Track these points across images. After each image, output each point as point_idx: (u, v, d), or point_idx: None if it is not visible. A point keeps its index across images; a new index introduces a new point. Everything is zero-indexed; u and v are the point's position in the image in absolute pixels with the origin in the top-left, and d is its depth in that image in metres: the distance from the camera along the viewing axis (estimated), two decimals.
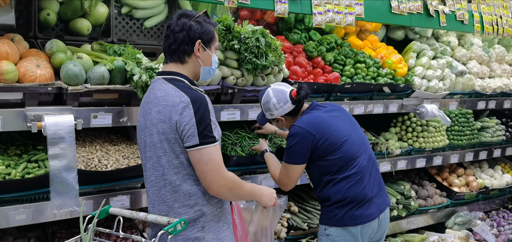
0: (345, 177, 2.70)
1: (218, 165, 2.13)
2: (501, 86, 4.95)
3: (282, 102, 2.76)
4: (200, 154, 2.10)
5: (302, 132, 2.67)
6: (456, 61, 4.73)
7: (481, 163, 5.33)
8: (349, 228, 2.71)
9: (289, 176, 2.77)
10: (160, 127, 2.14)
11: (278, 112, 2.80)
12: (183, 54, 2.23)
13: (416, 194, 4.46)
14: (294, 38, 3.86)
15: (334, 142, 2.69)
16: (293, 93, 2.75)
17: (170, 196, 2.20)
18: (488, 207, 5.10)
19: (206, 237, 2.21)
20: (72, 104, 2.55)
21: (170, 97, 2.13)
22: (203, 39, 2.25)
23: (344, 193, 2.70)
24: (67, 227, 2.98)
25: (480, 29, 4.70)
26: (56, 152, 2.34)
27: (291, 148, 2.70)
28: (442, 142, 4.46)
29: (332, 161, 2.70)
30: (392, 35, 4.74)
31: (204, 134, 2.09)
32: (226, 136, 3.34)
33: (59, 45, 2.69)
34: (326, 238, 2.77)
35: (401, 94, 4.12)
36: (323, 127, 2.70)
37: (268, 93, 2.80)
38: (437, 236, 4.36)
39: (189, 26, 2.21)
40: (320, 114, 2.77)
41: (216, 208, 2.26)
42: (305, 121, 2.72)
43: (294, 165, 2.73)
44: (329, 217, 2.76)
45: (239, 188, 2.25)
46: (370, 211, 2.74)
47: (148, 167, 2.26)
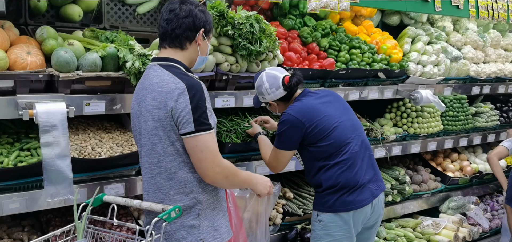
0: (336, 163, 2.71)
1: (214, 153, 2.12)
2: (496, 71, 4.95)
3: (274, 87, 2.78)
4: (195, 141, 2.08)
5: (292, 119, 2.69)
6: (451, 47, 4.72)
7: (475, 148, 5.36)
8: (341, 214, 2.72)
9: (278, 160, 2.83)
10: (155, 114, 2.12)
11: (270, 97, 2.82)
12: (185, 40, 2.22)
13: (411, 179, 4.48)
14: (289, 23, 3.83)
15: (324, 129, 2.70)
16: (285, 80, 2.76)
17: (165, 183, 2.19)
18: (482, 192, 5.14)
19: (202, 225, 2.21)
20: (64, 91, 2.52)
21: (166, 83, 2.10)
22: (206, 29, 2.27)
23: (336, 179, 2.71)
24: (61, 215, 2.97)
25: (475, 14, 4.69)
26: (48, 140, 2.32)
27: (281, 134, 2.73)
28: (437, 127, 4.47)
29: (323, 147, 2.71)
30: (387, 20, 4.72)
31: (200, 121, 2.07)
32: (221, 122, 3.33)
33: (50, 32, 2.65)
34: (318, 224, 2.79)
35: (396, 80, 4.11)
36: (313, 114, 2.71)
37: (262, 78, 2.82)
38: (431, 221, 4.39)
39: (195, 14, 2.21)
40: (311, 102, 2.77)
41: (211, 195, 2.26)
42: (295, 108, 2.73)
43: (283, 151, 2.77)
44: (321, 203, 2.78)
45: (235, 175, 2.25)
46: (363, 197, 2.74)
47: (143, 154, 2.25)
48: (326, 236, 2.76)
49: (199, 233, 2.20)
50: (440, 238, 4.15)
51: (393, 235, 4.00)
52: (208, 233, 2.22)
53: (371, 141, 3.98)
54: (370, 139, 3.97)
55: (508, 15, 5.05)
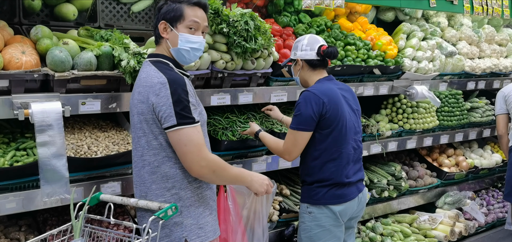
0: (333, 159, 2.74)
1: (199, 146, 2.11)
2: (491, 66, 4.98)
3: (309, 47, 2.81)
4: (178, 134, 2.09)
5: (314, 98, 2.67)
6: (446, 42, 4.74)
7: (471, 143, 5.38)
8: (330, 206, 2.76)
9: (296, 144, 2.73)
10: (139, 107, 2.16)
11: (300, 54, 2.84)
12: (157, 37, 2.28)
13: (407, 174, 4.50)
14: (284, 21, 3.83)
15: (336, 119, 2.71)
16: (322, 47, 2.79)
17: (148, 177, 2.22)
18: (478, 186, 5.16)
19: (185, 222, 2.21)
20: (60, 91, 2.52)
21: (150, 78, 2.14)
22: (167, 19, 2.22)
23: (329, 174, 2.74)
24: (58, 214, 2.97)
25: (470, 9, 4.70)
26: (44, 140, 2.32)
27: (301, 113, 2.69)
28: (432, 123, 4.48)
29: (326, 137, 2.72)
30: (382, 16, 4.73)
31: (182, 114, 2.08)
32: (217, 120, 3.33)
33: (44, 31, 2.65)
34: (308, 216, 2.82)
35: (391, 76, 4.13)
36: (333, 98, 2.72)
37: (305, 36, 2.88)
38: (427, 216, 4.41)
39: (159, 8, 2.25)
40: (333, 88, 2.79)
41: (195, 193, 2.25)
42: (319, 88, 2.73)
43: (302, 132, 2.70)
44: (310, 196, 2.81)
45: (223, 170, 2.23)
46: (350, 191, 2.81)
47: (133, 148, 2.30)
48: (317, 227, 2.79)
49: (182, 230, 2.20)
50: (437, 233, 4.17)
51: (389, 231, 4.01)
52: (191, 231, 2.22)
53: (367, 137, 4.00)
54: (366, 135, 3.99)
55: (502, 11, 5.07)
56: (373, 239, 3.90)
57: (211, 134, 3.21)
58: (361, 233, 4.00)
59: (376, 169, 4.26)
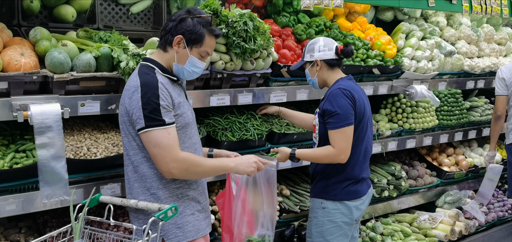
0: (354, 156, 2.82)
1: (169, 148, 2.13)
2: (490, 65, 4.98)
3: (327, 48, 2.87)
4: (147, 137, 2.14)
5: (346, 93, 2.74)
6: (445, 42, 4.74)
7: (471, 142, 5.38)
8: (345, 202, 2.86)
9: (347, 139, 2.74)
10: (121, 109, 2.25)
11: (319, 55, 2.87)
12: (165, 42, 2.28)
13: (407, 174, 4.50)
14: (283, 21, 3.83)
15: (361, 116, 2.80)
16: (339, 48, 2.86)
17: (131, 175, 2.28)
18: (478, 186, 5.15)
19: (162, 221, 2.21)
20: (59, 92, 2.51)
21: (130, 81, 2.22)
22: (186, 37, 2.24)
23: (349, 170, 2.83)
24: (58, 216, 2.97)
25: (469, 8, 4.70)
26: (43, 141, 2.32)
27: (342, 108, 2.72)
28: (432, 122, 4.48)
29: (354, 132, 2.79)
30: (381, 16, 4.73)
31: (150, 116, 2.11)
32: (216, 121, 3.33)
33: (43, 33, 2.65)
34: (322, 211, 2.89)
35: (391, 76, 4.12)
36: (360, 97, 2.82)
37: (319, 38, 2.94)
38: (427, 215, 4.41)
39: (181, 19, 2.24)
40: (357, 87, 2.88)
41: (175, 193, 2.28)
42: (346, 85, 2.79)
43: (350, 126, 2.74)
44: (326, 191, 2.88)
45: (197, 166, 2.22)
46: (362, 187, 2.94)
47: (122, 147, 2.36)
48: (329, 222, 2.87)
49: (161, 230, 2.20)
50: (437, 233, 4.17)
51: (390, 230, 4.01)
52: (168, 231, 2.25)
53: None
54: None
55: (501, 9, 5.08)
56: (374, 239, 3.90)
57: (210, 135, 3.21)
58: (361, 232, 4.00)
59: (376, 169, 4.26)
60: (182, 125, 2.27)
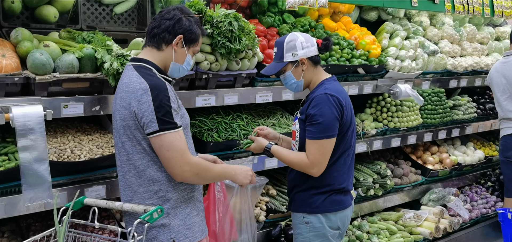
0: (335, 164, 2.59)
1: (181, 151, 2.12)
2: (472, 64, 5.05)
3: (309, 43, 2.57)
4: (160, 140, 2.10)
5: (334, 100, 2.46)
6: (428, 41, 4.80)
7: (454, 140, 5.45)
8: (328, 214, 2.62)
9: (324, 153, 2.47)
10: (122, 113, 2.16)
11: (303, 53, 2.55)
12: (162, 41, 2.24)
13: (392, 173, 4.53)
14: (268, 21, 3.84)
15: (347, 123, 2.56)
16: (318, 42, 2.61)
17: (134, 180, 2.21)
18: (462, 183, 5.23)
19: (172, 223, 2.21)
20: (41, 94, 2.48)
21: (132, 84, 2.14)
22: (186, 36, 2.26)
23: (330, 179, 2.59)
24: (41, 219, 2.92)
25: (451, 8, 4.77)
26: (26, 144, 2.28)
27: (325, 118, 2.44)
28: (416, 121, 4.53)
29: (337, 142, 2.55)
30: (365, 16, 4.77)
31: (164, 120, 2.09)
32: (202, 121, 3.31)
33: (24, 34, 2.61)
34: (305, 226, 2.64)
35: (375, 75, 4.16)
36: (347, 102, 2.57)
37: (293, 34, 2.60)
38: (412, 213, 4.45)
39: (178, 18, 2.23)
40: (344, 91, 2.62)
41: (182, 195, 2.26)
42: (334, 89, 2.52)
43: (330, 139, 2.46)
44: (307, 204, 2.63)
45: (207, 171, 2.25)
46: (347, 198, 2.71)
47: (116, 152, 2.28)
48: (316, 237, 2.62)
49: (170, 232, 2.21)
50: (422, 230, 4.21)
51: (376, 229, 4.04)
52: (179, 232, 2.23)
53: None
54: None
55: (483, 9, 5.16)
56: (360, 237, 3.93)
57: (196, 135, 3.20)
58: (347, 232, 4.02)
59: (361, 168, 4.29)
60: (184, 125, 2.26)
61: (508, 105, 4.31)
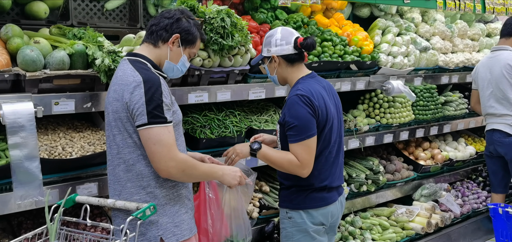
0: (316, 162, 2.58)
1: (168, 146, 2.11)
2: (464, 60, 5.08)
3: (284, 41, 2.57)
4: (148, 133, 2.09)
5: (307, 101, 2.48)
6: (420, 37, 4.82)
7: (446, 136, 5.49)
8: (310, 211, 2.64)
9: (310, 152, 2.50)
10: (114, 105, 2.16)
11: (275, 50, 2.59)
12: (158, 38, 2.27)
13: (385, 168, 4.55)
14: (260, 17, 3.83)
15: (322, 122, 2.55)
16: (299, 40, 2.57)
17: (123, 175, 2.21)
18: (453, 178, 5.27)
19: (161, 221, 2.21)
20: (32, 91, 2.45)
21: (126, 76, 2.15)
22: (182, 36, 2.28)
23: (310, 177, 2.59)
24: (33, 217, 2.90)
25: (443, 5, 4.79)
26: (16, 141, 2.26)
27: (302, 119, 2.47)
28: (408, 117, 4.55)
29: None
30: (357, 12, 4.78)
31: (154, 113, 2.08)
32: (195, 118, 3.30)
33: (14, 30, 2.58)
34: (288, 221, 2.70)
35: (368, 71, 4.17)
36: (322, 101, 2.55)
37: (277, 29, 2.64)
38: (405, 209, 4.47)
39: (177, 18, 2.27)
40: (320, 89, 2.59)
41: (170, 192, 2.26)
42: (306, 89, 2.52)
43: (312, 137, 2.49)
44: (289, 200, 2.68)
45: (193, 169, 2.22)
46: (330, 195, 2.71)
47: (107, 146, 2.28)
48: (298, 232, 2.67)
49: (158, 229, 2.20)
50: (414, 225, 4.24)
51: (368, 224, 4.06)
52: (167, 230, 2.22)
53: (345, 132, 4.03)
54: (344, 130, 4.01)
55: (474, 6, 5.18)
56: (353, 233, 3.94)
57: (189, 132, 3.19)
58: (340, 227, 4.03)
59: (354, 164, 4.30)
60: (176, 122, 2.26)
61: (490, 100, 4.35)
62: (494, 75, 4.30)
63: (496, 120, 4.35)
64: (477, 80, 4.52)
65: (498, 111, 4.31)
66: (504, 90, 4.23)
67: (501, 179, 4.51)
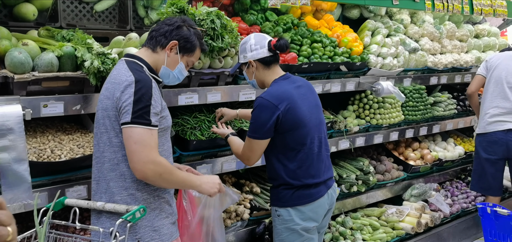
0: (295, 160, 2.68)
1: (149, 148, 2.10)
2: (452, 61, 5.13)
3: (259, 46, 2.69)
4: (130, 131, 2.09)
5: (267, 104, 2.59)
6: (409, 39, 4.85)
7: (435, 136, 5.53)
8: (298, 207, 2.72)
9: (252, 150, 2.70)
10: (104, 103, 2.17)
11: (251, 55, 2.71)
12: (157, 43, 2.30)
13: (375, 169, 4.58)
14: (250, 19, 3.84)
15: (295, 120, 2.64)
16: (272, 42, 2.68)
17: (107, 174, 2.21)
18: (442, 178, 5.31)
19: (139, 224, 2.20)
20: (20, 93, 2.43)
21: (119, 76, 2.16)
22: (181, 44, 2.30)
23: (293, 176, 2.69)
24: (22, 220, 2.87)
25: (431, 6, 4.83)
26: (4, 144, 2.25)
27: (255, 121, 2.63)
28: (398, 117, 4.58)
29: (287, 140, 2.66)
30: (347, 14, 4.80)
31: (139, 113, 2.09)
32: (185, 120, 3.30)
33: (2, 32, 2.56)
34: (278, 219, 2.77)
35: (358, 72, 4.19)
36: (289, 100, 2.62)
37: (250, 35, 2.76)
38: (395, 209, 4.50)
39: (178, 25, 2.31)
40: (290, 89, 2.67)
41: (151, 195, 2.26)
42: (273, 93, 2.63)
43: (258, 140, 2.65)
44: (278, 198, 2.76)
45: (171, 174, 2.20)
46: (318, 190, 2.76)
47: (94, 144, 2.28)
48: (286, 230, 2.74)
49: (136, 232, 2.19)
50: (404, 225, 4.26)
51: (359, 225, 4.08)
52: (145, 233, 2.21)
53: (335, 133, 4.05)
54: (334, 131, 4.04)
55: (462, 7, 5.24)
56: (343, 234, 3.96)
57: (179, 134, 3.18)
58: (331, 228, 4.05)
59: (345, 164, 4.32)
60: (165, 127, 2.27)
61: (509, 94, 4.31)
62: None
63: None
64: (493, 68, 4.38)
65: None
66: None
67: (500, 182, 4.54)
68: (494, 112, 4.39)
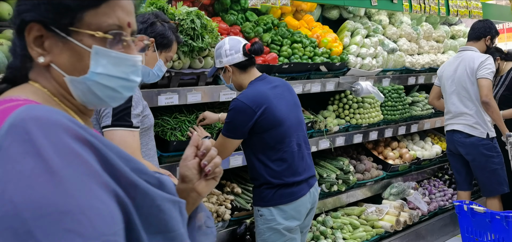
0: (276, 160, 2.71)
1: (131, 150, 2.07)
2: (429, 62, 5.22)
3: (233, 50, 2.69)
4: (112, 135, 2.06)
5: (242, 106, 2.62)
6: (388, 39, 4.92)
7: (413, 136, 5.61)
8: (280, 206, 2.73)
9: (224, 147, 2.74)
10: None
11: (227, 60, 2.71)
12: None
13: (355, 168, 4.62)
14: (231, 19, 3.83)
15: (272, 120, 2.66)
16: (246, 46, 2.70)
17: None
18: (420, 177, 5.39)
19: None
20: None
21: None
22: (157, 41, 2.26)
23: (274, 175, 2.71)
24: None
25: (409, 7, 4.91)
26: None
27: (230, 122, 2.68)
28: (377, 117, 4.64)
29: (266, 139, 2.69)
30: (327, 14, 4.84)
31: (119, 116, 2.06)
32: (165, 121, 3.27)
33: None
34: (260, 218, 2.79)
35: (338, 73, 4.22)
36: (265, 101, 2.65)
37: (224, 40, 2.76)
38: (374, 207, 4.55)
39: (152, 22, 2.26)
40: (265, 90, 2.70)
41: None
42: (248, 95, 2.66)
43: (230, 139, 2.71)
44: (260, 198, 2.77)
45: None
46: (299, 188, 2.78)
47: None
48: (268, 230, 2.75)
49: None
50: (383, 223, 4.31)
51: (339, 224, 4.11)
52: None
53: (315, 133, 4.07)
54: (315, 131, 4.06)
55: (439, 9, 5.34)
56: (324, 233, 3.98)
57: (159, 135, 3.15)
58: (312, 227, 4.06)
59: (325, 164, 4.35)
60: (148, 126, 2.24)
61: (452, 98, 4.48)
62: (458, 73, 4.44)
63: (456, 120, 4.47)
64: (442, 78, 4.63)
65: (458, 110, 4.43)
66: (466, 89, 4.37)
67: (465, 177, 4.65)
68: (446, 116, 4.66)
